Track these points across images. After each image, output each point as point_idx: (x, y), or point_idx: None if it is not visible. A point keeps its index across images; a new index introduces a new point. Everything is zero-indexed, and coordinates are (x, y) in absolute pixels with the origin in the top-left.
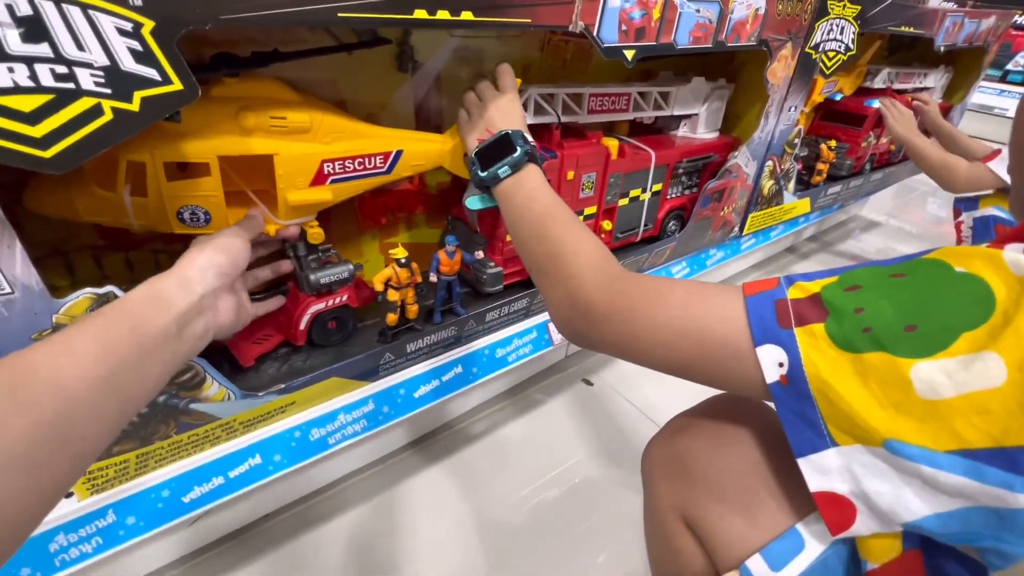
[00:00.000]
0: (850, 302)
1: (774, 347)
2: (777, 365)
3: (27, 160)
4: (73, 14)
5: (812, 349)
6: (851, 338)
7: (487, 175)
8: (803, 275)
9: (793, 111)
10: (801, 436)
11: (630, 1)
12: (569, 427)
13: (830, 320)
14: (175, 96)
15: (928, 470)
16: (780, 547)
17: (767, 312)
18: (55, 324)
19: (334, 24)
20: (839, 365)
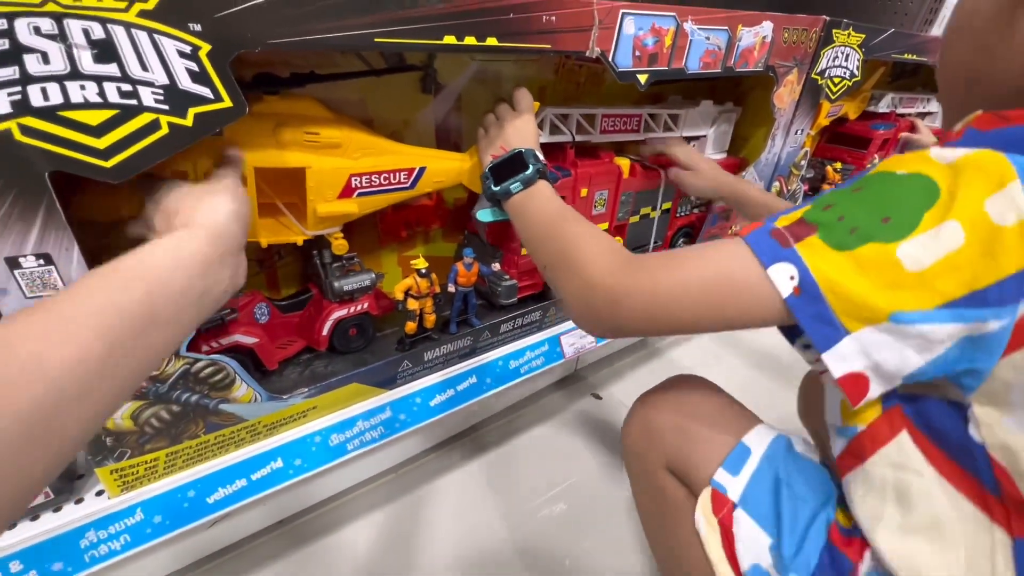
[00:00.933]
0: (831, 215)
1: (782, 264)
2: (788, 279)
3: (90, 169)
4: (140, 38)
5: (814, 257)
6: (842, 240)
7: (499, 190)
8: (782, 212)
9: (800, 134)
10: (821, 334)
11: (644, 29)
12: (578, 440)
13: (820, 231)
14: (225, 113)
15: (925, 327)
16: (734, 458)
17: (767, 240)
18: None
19: (371, 49)
20: (839, 264)
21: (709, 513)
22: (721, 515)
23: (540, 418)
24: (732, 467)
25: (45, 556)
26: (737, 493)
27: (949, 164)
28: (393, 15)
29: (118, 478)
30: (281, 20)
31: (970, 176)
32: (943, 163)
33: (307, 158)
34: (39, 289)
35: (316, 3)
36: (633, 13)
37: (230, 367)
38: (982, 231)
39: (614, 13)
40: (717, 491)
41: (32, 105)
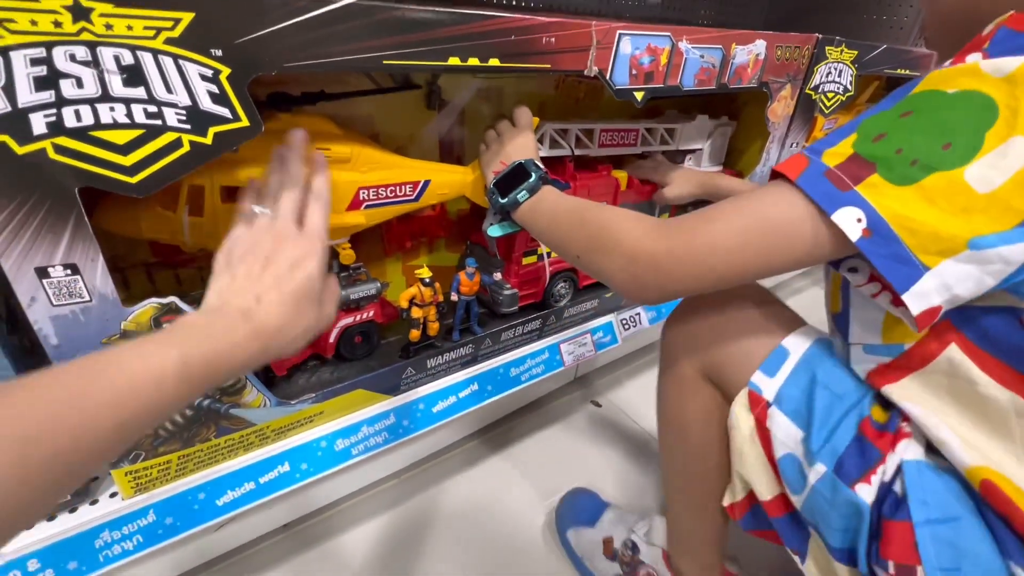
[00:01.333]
0: (886, 148)
1: (846, 208)
2: (856, 222)
3: (117, 185)
4: (166, 63)
5: (880, 196)
6: (905, 173)
7: (507, 201)
8: (822, 143)
9: (795, 147)
10: (899, 274)
11: (640, 48)
12: (579, 447)
13: (881, 168)
14: (243, 131)
15: (1005, 249)
16: (772, 360)
17: (822, 184)
18: (123, 330)
19: (380, 70)
20: (907, 198)
21: (745, 410)
22: (756, 412)
23: (540, 425)
24: (769, 369)
25: (61, 555)
26: (772, 393)
27: (1004, 77)
28: (400, 38)
29: (132, 480)
30: (296, 45)
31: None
32: (997, 76)
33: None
34: (65, 298)
35: (328, 28)
36: (629, 33)
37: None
38: None
39: (611, 34)
40: (754, 392)
41: (66, 126)
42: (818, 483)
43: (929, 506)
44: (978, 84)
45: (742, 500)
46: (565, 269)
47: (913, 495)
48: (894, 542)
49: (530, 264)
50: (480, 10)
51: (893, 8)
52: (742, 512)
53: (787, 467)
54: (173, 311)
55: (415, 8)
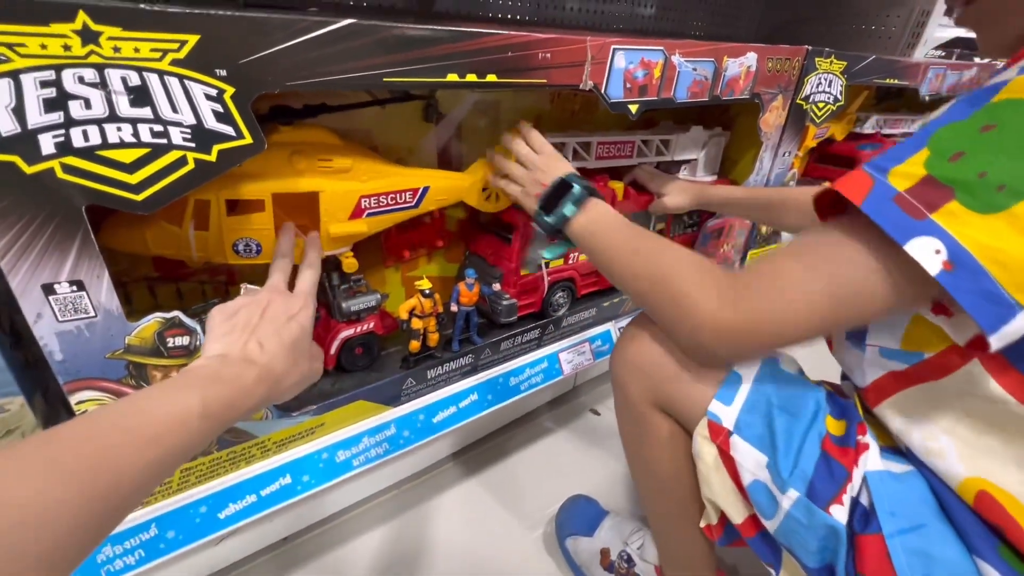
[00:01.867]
0: (966, 170)
1: (922, 239)
2: (934, 253)
3: (123, 202)
4: (172, 84)
5: (961, 225)
6: (990, 201)
7: (554, 218)
8: (886, 158)
9: (787, 156)
10: (989, 313)
11: (634, 62)
12: (578, 456)
13: (959, 193)
14: (246, 148)
15: None
16: (726, 388)
17: (892, 211)
18: (127, 345)
19: (380, 87)
20: (995, 228)
21: (707, 440)
22: (719, 441)
23: (540, 434)
24: (725, 397)
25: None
26: (732, 421)
27: None
28: (399, 56)
29: None
30: (299, 64)
31: None
32: None
33: (320, 183)
34: (71, 314)
35: (330, 47)
36: (623, 48)
37: None
38: None
39: (606, 49)
40: (713, 422)
41: (74, 146)
42: (792, 509)
43: (897, 516)
44: None
45: (717, 522)
46: (563, 279)
47: (880, 507)
48: (868, 557)
49: (528, 274)
50: (477, 27)
51: (881, 19)
52: (719, 533)
53: (757, 493)
54: (176, 325)
55: (414, 27)
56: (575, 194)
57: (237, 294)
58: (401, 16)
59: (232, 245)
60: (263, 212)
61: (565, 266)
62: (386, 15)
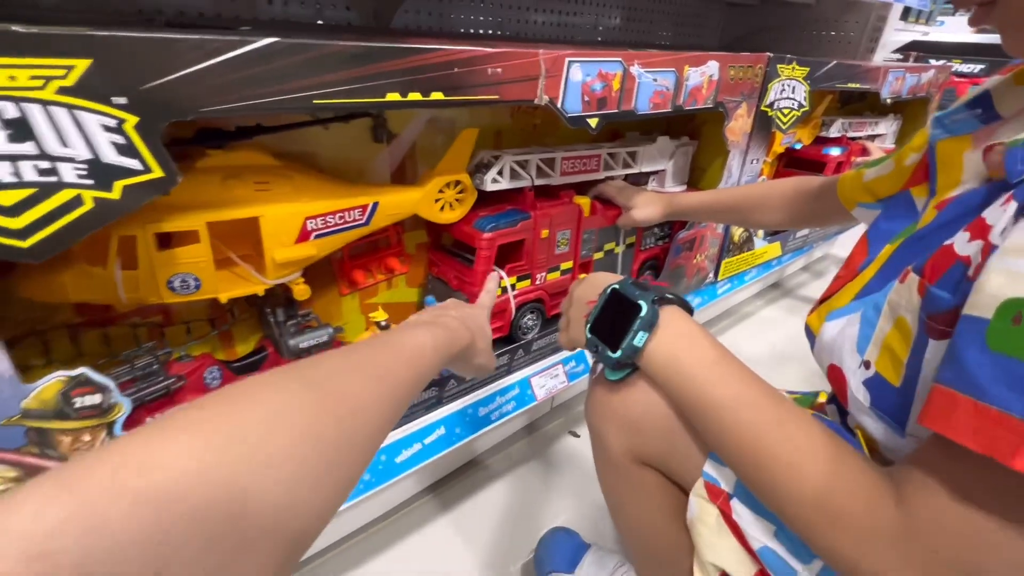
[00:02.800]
0: None
1: None
2: None
3: (6, 251)
4: (58, 115)
5: None
6: None
7: (623, 354)
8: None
9: (756, 163)
10: None
11: (591, 75)
12: (559, 481)
13: None
14: (156, 183)
15: None
16: None
17: None
18: (24, 409)
19: (310, 111)
20: None
21: (706, 501)
22: (719, 503)
23: (519, 461)
24: (718, 457)
25: None
26: (730, 484)
27: None
28: (332, 76)
29: None
30: (214, 88)
31: None
32: None
33: (259, 208)
34: None
35: (250, 69)
36: (579, 61)
37: None
38: None
39: (560, 61)
40: (710, 483)
41: None
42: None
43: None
44: None
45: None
46: (531, 300)
47: None
48: None
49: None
50: (417, 42)
51: (840, 25)
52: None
53: (770, 559)
54: (83, 383)
55: (346, 43)
56: (643, 316)
57: (174, 336)
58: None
59: (167, 282)
60: (199, 243)
61: (533, 286)
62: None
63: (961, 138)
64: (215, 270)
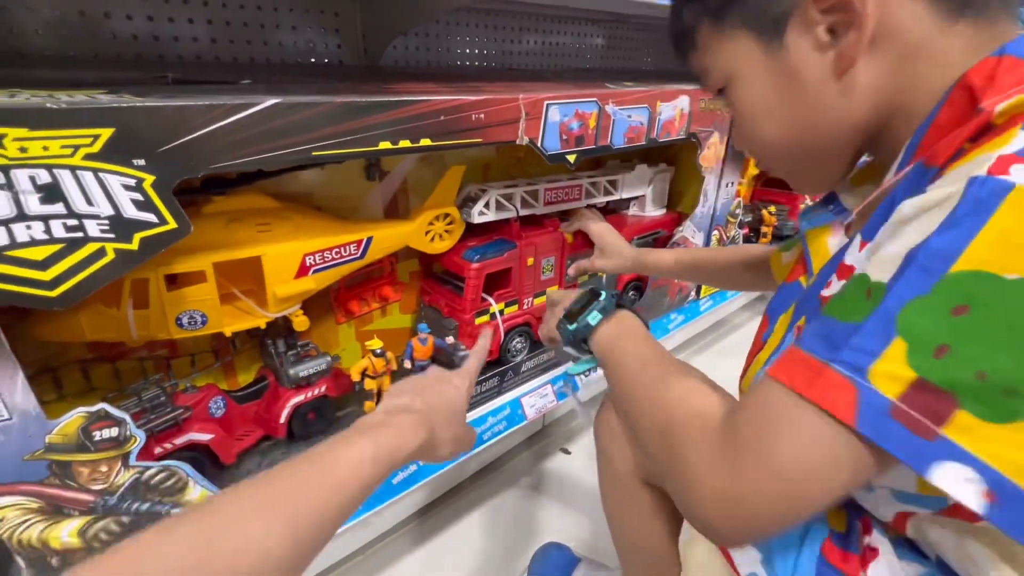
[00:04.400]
0: (961, 370)
1: (945, 465)
2: (966, 483)
3: (36, 300)
4: (85, 178)
5: (981, 441)
6: (1001, 407)
7: (579, 325)
8: (850, 348)
9: (731, 186)
10: None
11: (568, 115)
12: (551, 499)
13: (964, 401)
14: (170, 234)
15: None
16: None
17: (895, 431)
18: (48, 444)
19: (310, 162)
20: (1021, 439)
21: None
22: None
23: (511, 480)
24: None
25: None
26: None
27: None
28: (327, 130)
29: None
30: (222, 147)
31: None
32: None
33: (261, 248)
34: None
35: (254, 128)
36: (557, 103)
37: (182, 471)
38: None
39: (539, 104)
40: None
41: None
42: None
43: None
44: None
45: None
46: (519, 324)
47: None
48: None
49: (483, 323)
50: (420, 86)
51: None
52: None
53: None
54: (102, 418)
55: (340, 101)
56: (601, 302)
57: (180, 368)
58: (346, 72)
59: (175, 319)
60: (206, 283)
61: (520, 311)
62: (329, 73)
63: (823, 227)
64: (220, 305)
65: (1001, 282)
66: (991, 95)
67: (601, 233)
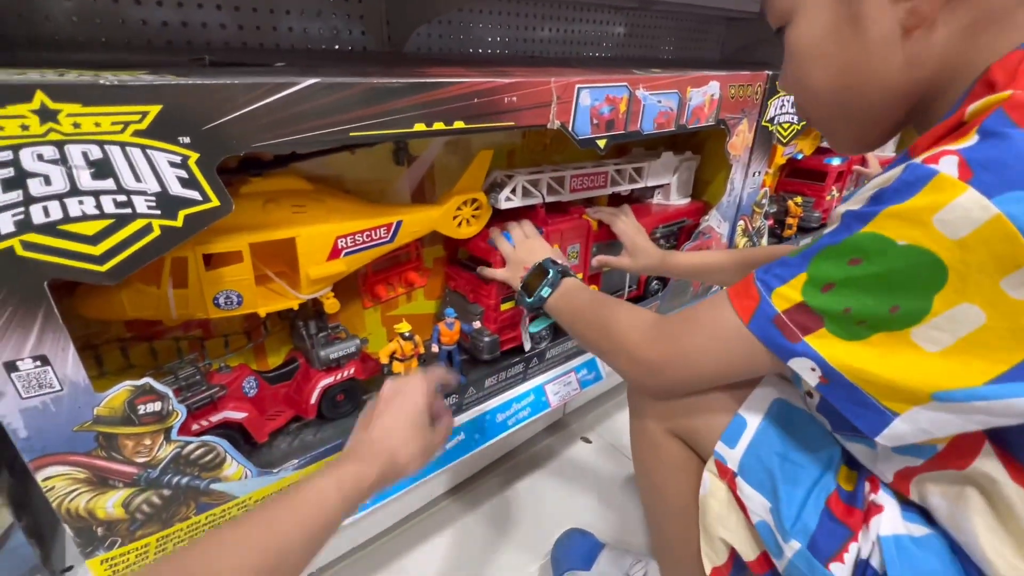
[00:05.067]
0: (834, 303)
1: (798, 359)
2: (810, 370)
3: (87, 275)
4: (134, 154)
5: (828, 347)
6: (852, 331)
7: (534, 300)
8: (775, 273)
9: (757, 175)
10: (867, 419)
11: (599, 99)
12: (571, 488)
13: (828, 323)
14: (214, 211)
15: (983, 404)
16: (731, 431)
17: (773, 333)
18: (96, 416)
19: (347, 143)
20: (856, 352)
21: (717, 477)
22: (727, 480)
23: (531, 468)
24: (729, 439)
25: None
26: (736, 463)
27: (957, 241)
28: (364, 111)
29: (108, 568)
30: (263, 126)
31: (982, 258)
32: (951, 239)
33: (295, 228)
34: (35, 390)
35: (294, 108)
36: (588, 87)
37: (220, 447)
38: (1004, 308)
39: (570, 88)
40: (719, 461)
41: (34, 222)
42: (794, 557)
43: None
44: (929, 242)
45: (724, 563)
46: None
47: (893, 573)
48: None
49: (508, 309)
50: (445, 70)
51: None
52: (727, 572)
53: (765, 533)
54: (147, 392)
55: (378, 81)
56: (550, 278)
57: (213, 348)
58: (371, 58)
59: (212, 299)
60: (242, 263)
61: None
62: (356, 59)
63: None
64: (255, 286)
65: (892, 245)
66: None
67: (629, 233)
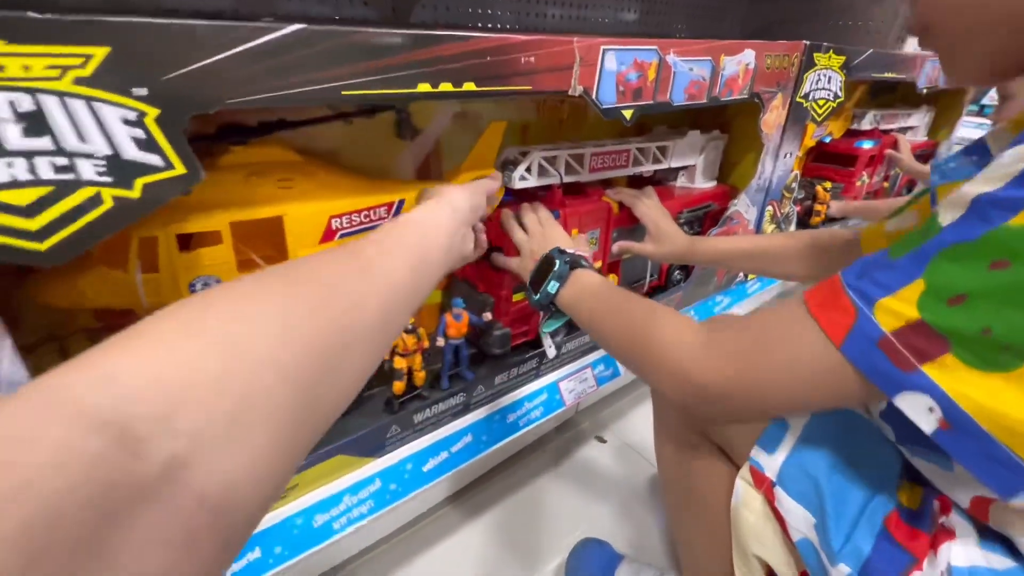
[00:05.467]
0: (968, 322)
1: (910, 395)
2: (927, 411)
3: (21, 254)
4: (75, 107)
5: (956, 382)
6: (990, 359)
7: (540, 296)
8: (872, 280)
9: (788, 157)
10: (1001, 478)
11: (626, 64)
12: (585, 489)
13: (955, 347)
14: (178, 180)
15: None
16: (769, 435)
17: (876, 360)
18: None
19: (338, 102)
20: (995, 389)
21: (751, 487)
22: (763, 489)
23: (544, 467)
24: (767, 444)
25: None
26: (774, 471)
27: None
28: (361, 66)
29: None
30: (239, 79)
31: None
32: None
33: (283, 206)
34: None
35: (276, 58)
36: (614, 49)
37: None
38: None
39: (595, 50)
40: (755, 468)
41: None
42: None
43: None
44: None
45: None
46: None
47: None
48: None
49: (521, 301)
50: (450, 30)
51: (869, 14)
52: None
53: (806, 552)
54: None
55: (376, 31)
56: (556, 271)
57: None
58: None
59: (188, 285)
60: (221, 244)
61: None
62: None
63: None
64: (237, 271)
65: None
66: None
67: (653, 217)
